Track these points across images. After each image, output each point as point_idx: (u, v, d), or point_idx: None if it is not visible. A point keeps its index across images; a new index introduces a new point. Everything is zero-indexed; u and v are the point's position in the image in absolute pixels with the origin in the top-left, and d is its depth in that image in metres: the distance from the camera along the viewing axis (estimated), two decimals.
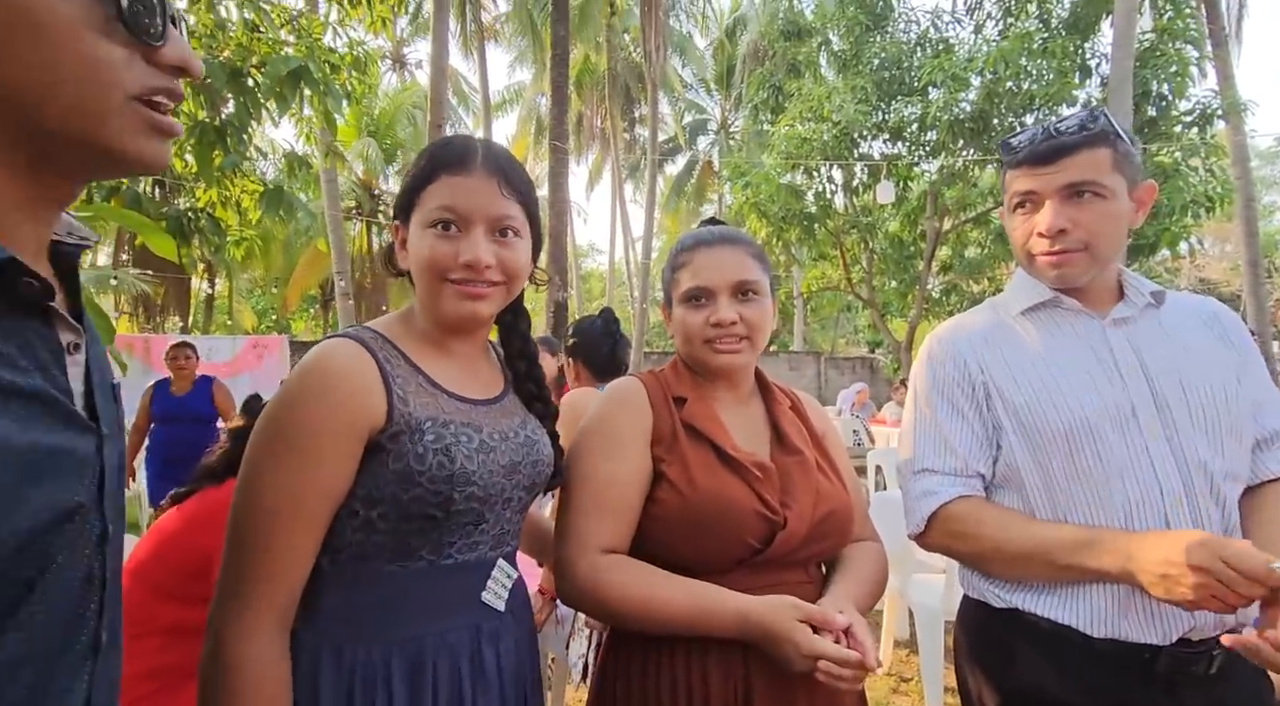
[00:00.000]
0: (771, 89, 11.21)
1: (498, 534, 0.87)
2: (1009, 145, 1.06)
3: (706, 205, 24.95)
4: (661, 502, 0.94)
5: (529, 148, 23.85)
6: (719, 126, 23.35)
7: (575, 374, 2.27)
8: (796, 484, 0.97)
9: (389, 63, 20.52)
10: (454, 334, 0.88)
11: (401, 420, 0.77)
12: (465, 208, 0.81)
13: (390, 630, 0.78)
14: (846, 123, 9.44)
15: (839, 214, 10.90)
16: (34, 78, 0.44)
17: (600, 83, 20.43)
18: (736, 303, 0.99)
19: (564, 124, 5.93)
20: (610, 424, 0.98)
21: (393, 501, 0.76)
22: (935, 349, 1.10)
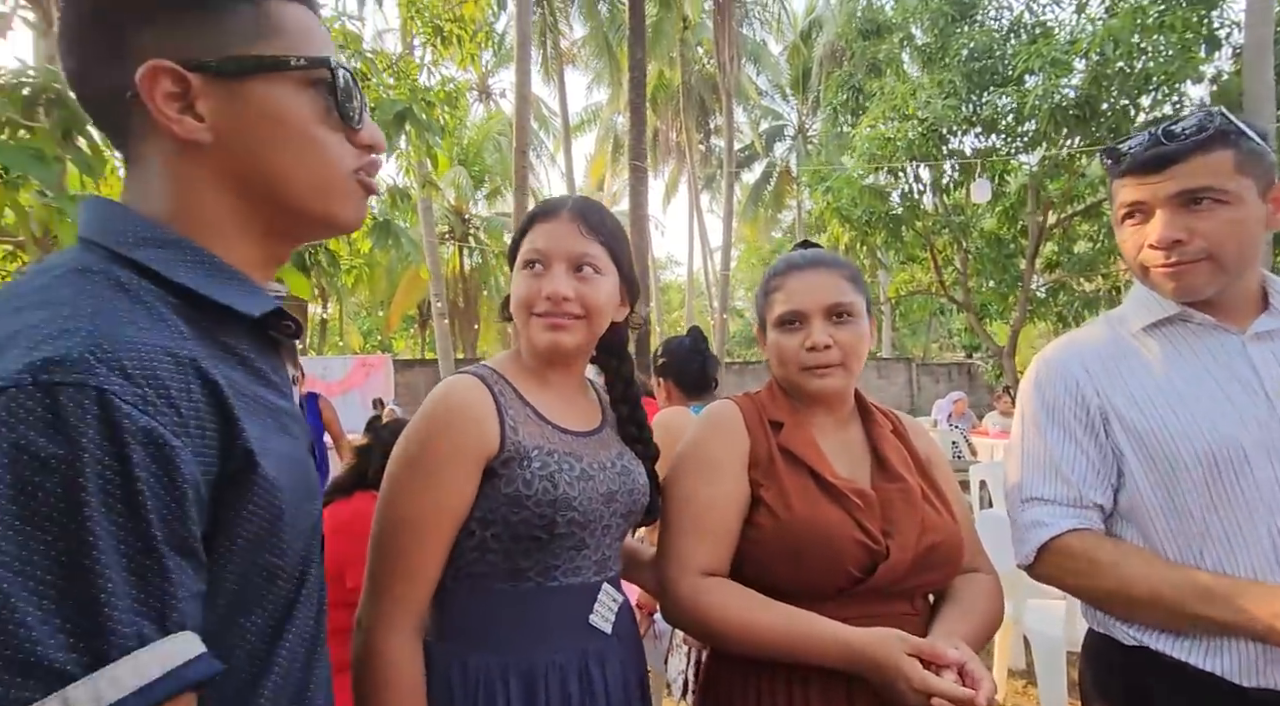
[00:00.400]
0: (851, 90, 10.92)
1: (599, 559, 0.93)
2: (1114, 151, 0.99)
3: (785, 212, 24.54)
4: (759, 526, 0.94)
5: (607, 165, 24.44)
6: (796, 131, 22.95)
7: (666, 393, 2.31)
8: (899, 512, 0.95)
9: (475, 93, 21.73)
10: (550, 367, 0.96)
11: (512, 447, 0.86)
12: (548, 247, 0.91)
13: (505, 645, 0.86)
14: (934, 119, 9.03)
15: (928, 214, 10.41)
16: (283, 165, 0.54)
17: (674, 97, 20.66)
18: (830, 325, 0.98)
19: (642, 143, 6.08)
20: (707, 448, 1.00)
21: (504, 523, 0.85)
22: (1044, 372, 1.04)
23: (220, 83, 0.52)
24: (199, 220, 0.53)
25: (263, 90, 0.53)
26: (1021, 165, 9.69)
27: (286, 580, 0.52)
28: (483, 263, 17.99)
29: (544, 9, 17.27)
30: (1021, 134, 9.36)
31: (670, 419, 2.09)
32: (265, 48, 0.53)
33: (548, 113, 22.92)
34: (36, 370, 0.38)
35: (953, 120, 9.14)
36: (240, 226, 0.55)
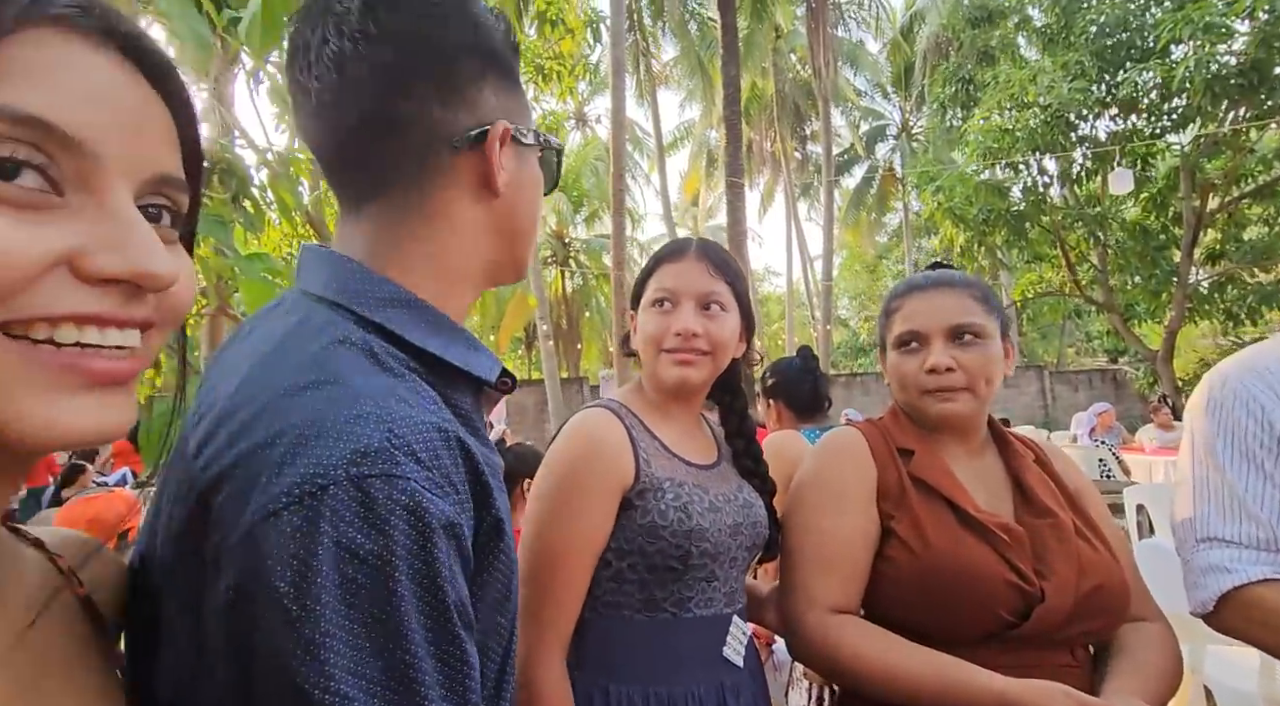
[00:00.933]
0: (960, 82, 10.27)
1: (728, 591, 0.93)
2: None
3: (890, 215, 23.37)
4: (893, 561, 0.90)
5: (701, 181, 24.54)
6: (899, 130, 21.88)
7: (776, 415, 2.26)
8: (1052, 551, 0.88)
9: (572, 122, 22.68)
10: (674, 400, 0.98)
11: (647, 479, 0.88)
12: (676, 286, 0.95)
13: (644, 675, 0.87)
14: (1059, 104, 8.27)
15: (1056, 208, 9.50)
16: (529, 225, 0.61)
17: (768, 107, 20.42)
18: (953, 347, 0.94)
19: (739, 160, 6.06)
20: (830, 477, 0.97)
21: (640, 553, 0.87)
22: (1220, 393, 0.93)
23: (517, 148, 0.58)
24: (451, 268, 0.55)
25: (530, 157, 0.60)
26: (1170, 146, 8.61)
27: (509, 636, 0.52)
28: (583, 284, 18.61)
29: (636, 34, 17.76)
30: (1169, 112, 8.33)
31: (781, 443, 2.03)
32: (529, 123, 0.60)
33: (641, 134, 23.45)
34: (348, 464, 0.37)
35: (1082, 103, 8.32)
36: (476, 276, 0.59)
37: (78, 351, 0.30)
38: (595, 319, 17.63)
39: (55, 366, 0.30)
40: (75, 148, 0.30)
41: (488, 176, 0.55)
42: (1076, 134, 8.89)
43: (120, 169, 0.32)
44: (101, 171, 0.31)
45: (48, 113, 0.29)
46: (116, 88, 0.32)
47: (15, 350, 0.29)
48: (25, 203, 0.29)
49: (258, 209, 2.26)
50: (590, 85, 20.64)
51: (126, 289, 0.32)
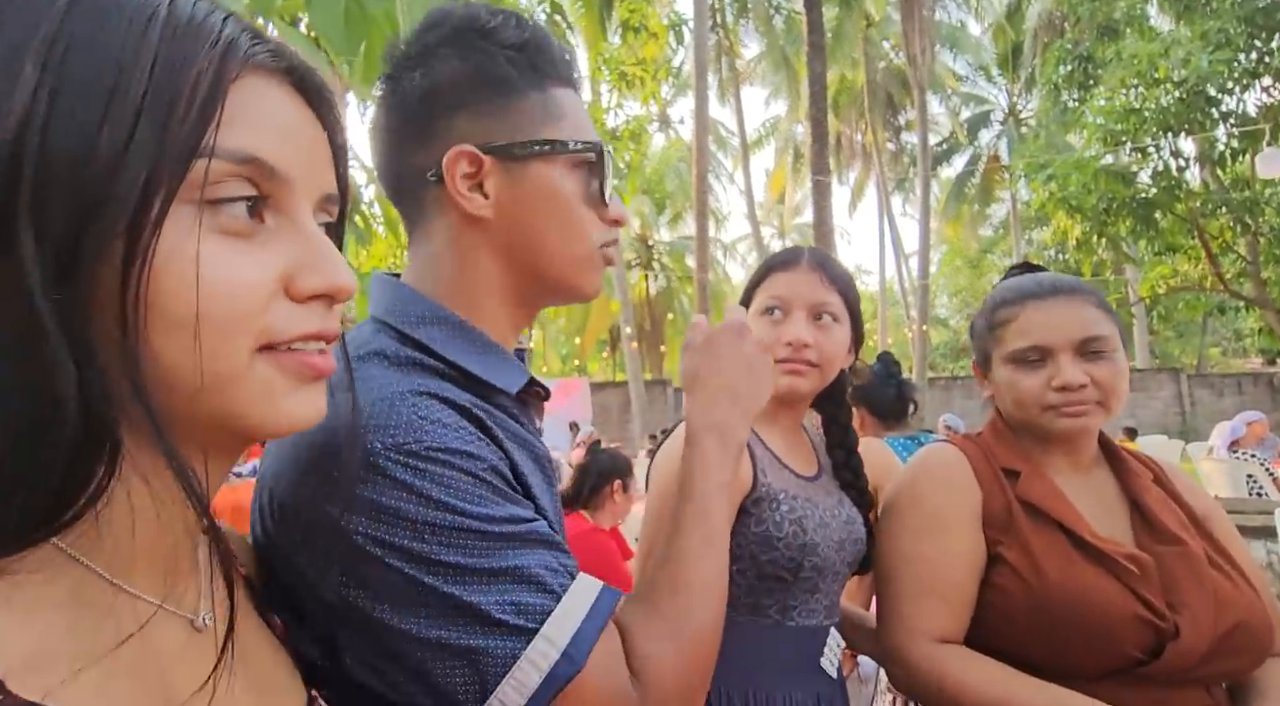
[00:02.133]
0: (1076, 60, 9.46)
1: (829, 604, 0.93)
2: None
3: (994, 205, 21.79)
4: (1001, 589, 0.84)
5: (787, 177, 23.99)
6: (1006, 115, 20.36)
7: (860, 422, 2.21)
8: (1183, 582, 0.81)
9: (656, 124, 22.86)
10: (780, 410, 0.97)
11: (763, 488, 0.88)
12: (789, 295, 0.94)
13: (746, 677, 0.88)
14: (1197, 79, 7.40)
15: (1194, 193, 8.50)
16: (548, 239, 0.60)
17: (858, 99, 19.63)
18: (1083, 362, 0.87)
19: (824, 157, 5.89)
20: (931, 501, 0.91)
21: (751, 559, 0.87)
22: None
23: (507, 165, 0.57)
24: (470, 289, 0.59)
25: (542, 170, 0.58)
26: None
27: None
28: (667, 286, 18.71)
29: (719, 34, 17.65)
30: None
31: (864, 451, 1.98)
32: (549, 132, 0.58)
33: (725, 133, 23.24)
34: None
35: (1226, 76, 7.41)
36: (502, 294, 0.60)
37: (303, 353, 0.35)
38: (679, 321, 17.67)
39: (291, 368, 0.35)
40: (278, 179, 0.34)
41: (460, 203, 0.57)
42: (1219, 110, 7.92)
43: (304, 192, 0.36)
44: (293, 196, 0.35)
45: (260, 151, 0.33)
46: (300, 121, 0.37)
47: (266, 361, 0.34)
48: (241, 231, 0.33)
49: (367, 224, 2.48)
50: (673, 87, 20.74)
51: (325, 302, 0.36)
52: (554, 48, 0.61)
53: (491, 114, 0.57)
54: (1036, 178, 9.02)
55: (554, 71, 0.60)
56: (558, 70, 0.60)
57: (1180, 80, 7.53)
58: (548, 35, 0.61)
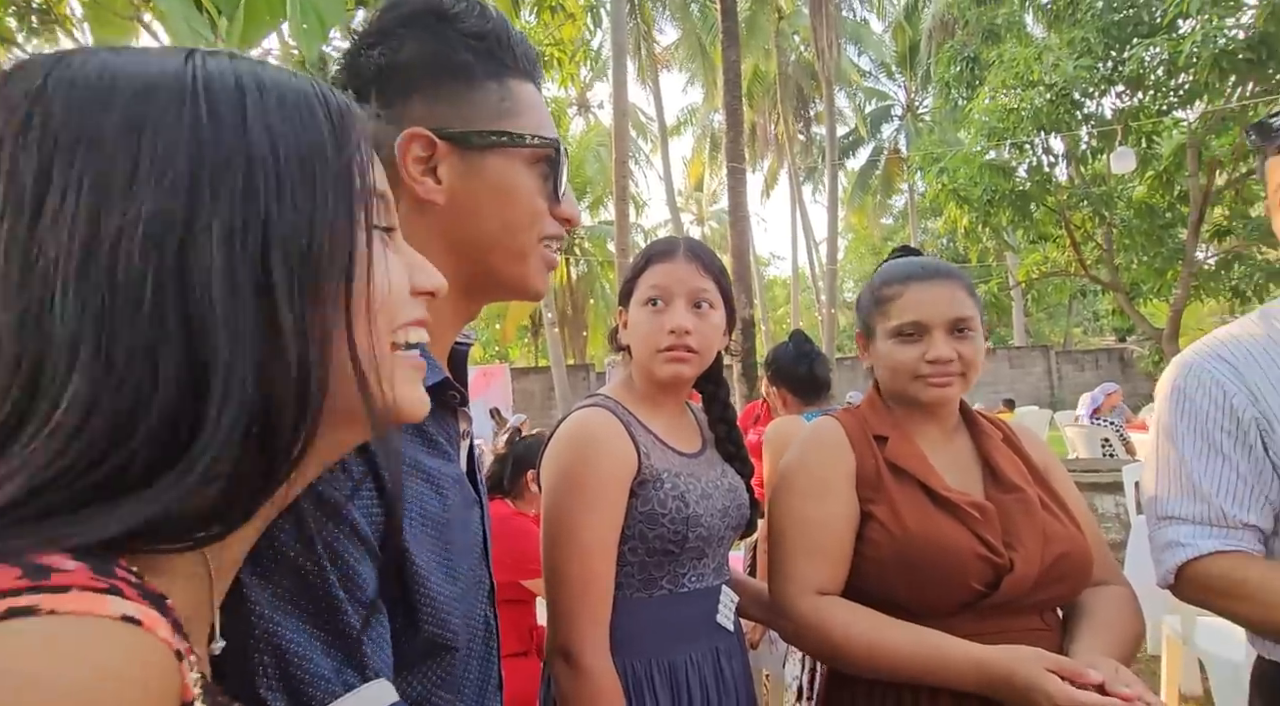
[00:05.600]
0: (965, 61, 10.17)
1: (717, 565, 1.02)
2: (1265, 127, 0.90)
3: (896, 196, 23.20)
4: (872, 543, 0.94)
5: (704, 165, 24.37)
6: (905, 110, 21.65)
7: (783, 401, 2.33)
8: (1019, 524, 0.93)
9: (575, 108, 22.54)
10: (665, 394, 1.04)
11: (647, 470, 0.95)
12: (669, 285, 0.99)
13: (647, 648, 0.95)
14: (1064, 82, 8.18)
15: (1062, 187, 9.44)
16: (500, 232, 0.59)
17: (771, 89, 20.23)
18: (952, 339, 0.97)
19: (740, 145, 6.06)
20: (813, 466, 1.01)
21: (640, 538, 0.94)
22: (1183, 376, 0.97)
23: (462, 152, 0.57)
24: None
25: (500, 162, 0.58)
26: (1176, 123, 8.53)
27: None
28: (588, 271, 18.63)
29: (637, 19, 17.60)
30: (1175, 88, 8.24)
31: (782, 429, 2.11)
32: (508, 124, 0.58)
33: (644, 119, 23.28)
34: None
35: (1088, 82, 8.23)
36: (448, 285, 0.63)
37: (417, 351, 0.41)
38: (600, 306, 17.68)
39: (411, 364, 0.40)
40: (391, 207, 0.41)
41: (411, 186, 0.56)
42: (1082, 112, 8.80)
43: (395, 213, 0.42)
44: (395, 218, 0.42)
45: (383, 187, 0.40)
46: None
47: (398, 357, 0.39)
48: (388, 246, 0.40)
49: None
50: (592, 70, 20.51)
51: (426, 298, 0.42)
52: (516, 40, 0.60)
53: (448, 100, 0.57)
54: (930, 170, 9.68)
55: (515, 64, 0.60)
56: (518, 63, 0.60)
57: (1051, 84, 8.29)
58: (510, 27, 0.61)
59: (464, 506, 0.58)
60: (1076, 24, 8.38)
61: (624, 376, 1.09)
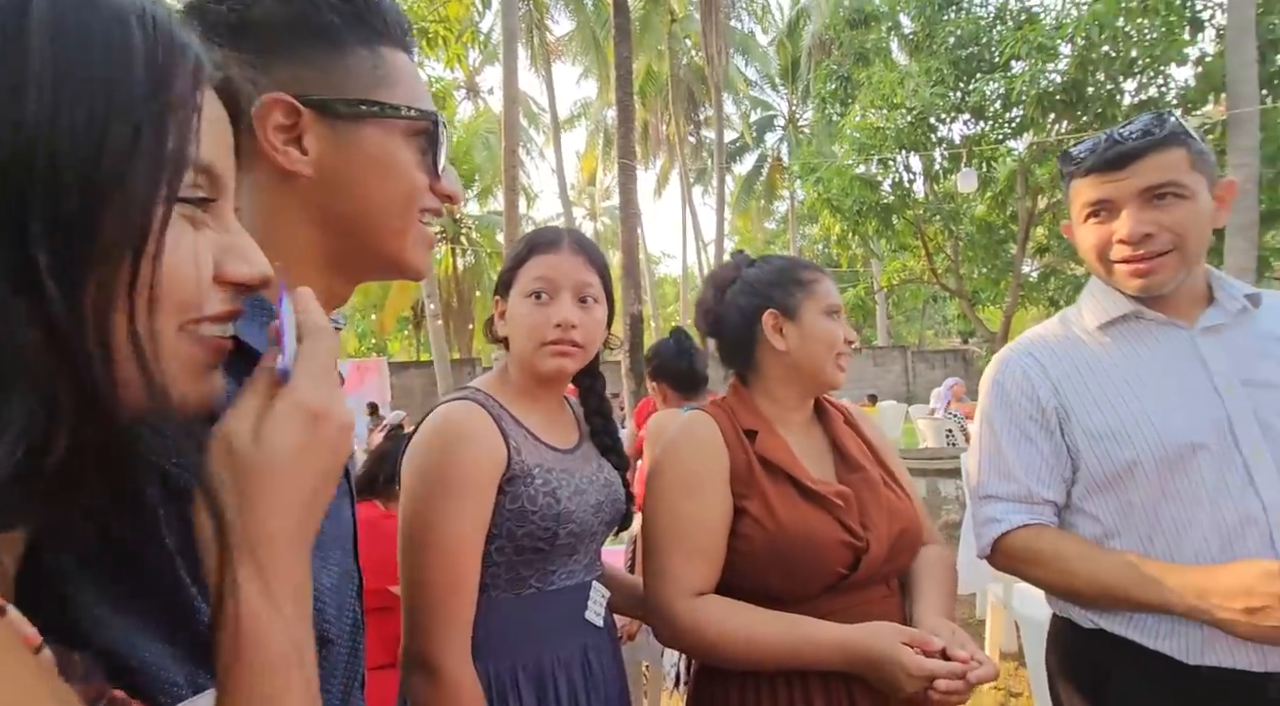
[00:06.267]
0: (839, 79, 10.92)
1: (588, 562, 1.00)
2: (1069, 155, 1.02)
3: (778, 202, 24.55)
4: (746, 538, 0.96)
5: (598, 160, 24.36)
6: (787, 122, 22.92)
7: (663, 396, 2.35)
8: (870, 505, 0.99)
9: (463, 92, 21.62)
10: (544, 388, 1.01)
11: (517, 466, 0.90)
12: (555, 278, 0.96)
13: (513, 649, 0.90)
14: (922, 107, 9.05)
15: (919, 202, 10.44)
16: (375, 207, 0.55)
17: (663, 89, 20.61)
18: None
19: (630, 141, 6.08)
20: (688, 463, 1.01)
21: (508, 536, 0.90)
22: (1001, 373, 1.07)
23: (332, 122, 0.53)
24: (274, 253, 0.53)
25: (375, 134, 0.54)
26: (1010, 151, 9.72)
27: None
28: (475, 262, 17.97)
29: (530, 4, 17.19)
30: (1009, 120, 9.38)
31: (663, 422, 2.12)
32: (383, 95, 0.55)
33: (536, 108, 22.83)
34: None
35: (941, 108, 9.15)
36: (314, 262, 0.56)
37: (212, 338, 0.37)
38: (487, 298, 17.07)
39: (203, 351, 0.36)
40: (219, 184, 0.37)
41: (272, 156, 0.52)
42: (936, 135, 9.78)
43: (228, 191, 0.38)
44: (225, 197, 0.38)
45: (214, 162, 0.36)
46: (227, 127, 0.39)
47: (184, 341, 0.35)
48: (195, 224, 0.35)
49: None
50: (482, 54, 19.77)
51: (241, 288, 0.38)
52: (387, 7, 0.57)
53: (313, 64, 0.53)
54: (808, 180, 10.32)
55: (386, 31, 0.56)
56: (390, 31, 0.57)
57: (911, 107, 9.13)
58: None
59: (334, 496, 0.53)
60: (933, 55, 9.28)
61: (498, 369, 1.04)
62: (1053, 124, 8.99)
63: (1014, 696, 2.64)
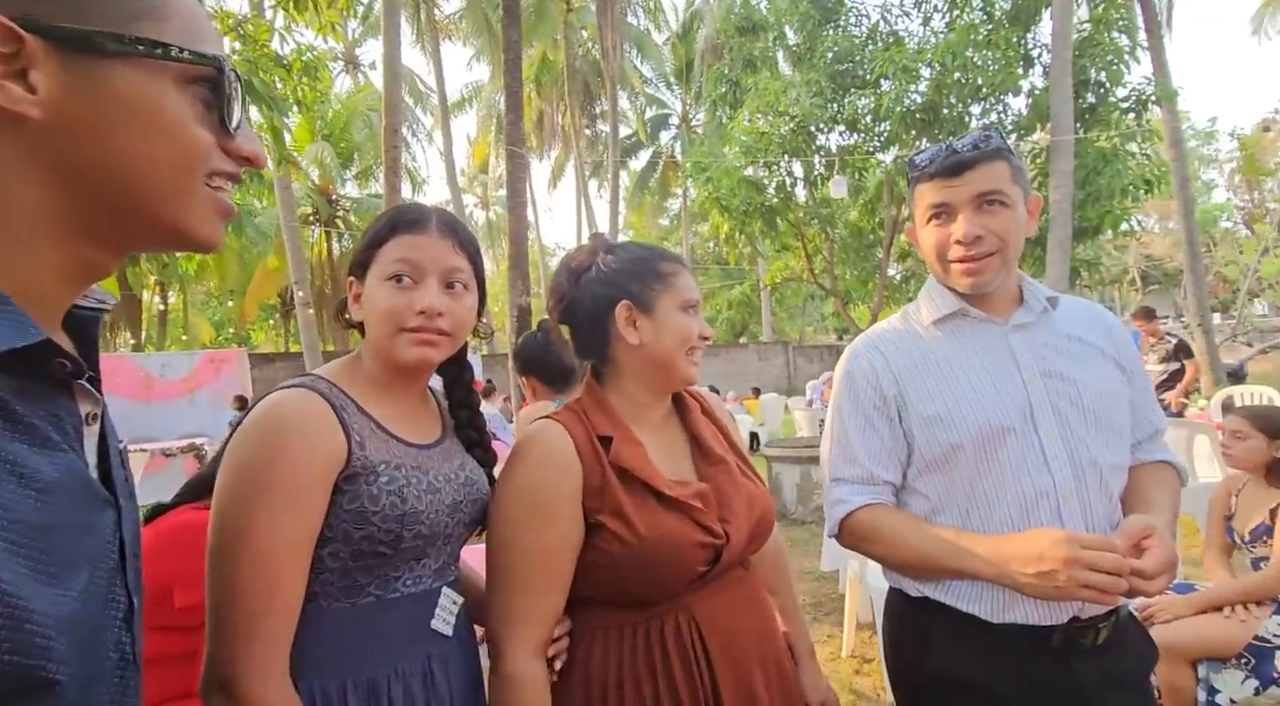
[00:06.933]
0: (729, 84, 11.30)
1: (439, 566, 0.92)
2: (914, 163, 1.10)
3: (671, 200, 25.05)
4: (604, 552, 0.92)
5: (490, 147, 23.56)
6: (680, 121, 23.43)
7: (532, 390, 2.28)
8: (730, 496, 1.00)
9: (341, 64, 20.05)
10: (402, 379, 0.93)
11: (358, 463, 0.82)
12: (421, 260, 0.88)
13: (344, 665, 0.81)
14: (803, 116, 9.59)
15: (800, 206, 11.07)
16: (140, 164, 0.47)
17: (559, 79, 20.31)
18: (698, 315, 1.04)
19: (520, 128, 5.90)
20: (533, 487, 0.92)
21: (344, 540, 0.81)
22: (851, 364, 1.15)
23: (69, 57, 0.44)
24: None
25: (134, 77, 0.46)
26: (879, 162, 10.56)
27: None
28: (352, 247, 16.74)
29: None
30: (879, 133, 10.18)
31: (535, 415, 2.06)
32: (148, 30, 0.46)
33: (424, 88, 21.66)
34: None
35: (819, 118, 9.75)
36: (49, 224, 0.46)
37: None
38: None
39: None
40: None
41: None
42: (816, 144, 10.41)
43: None
44: None
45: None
46: None
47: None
48: None
49: None
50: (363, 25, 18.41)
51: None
52: None
53: None
54: (699, 179, 10.61)
55: None
56: None
57: (794, 115, 9.66)
58: None
59: (83, 507, 0.46)
60: (813, 68, 9.85)
61: (350, 356, 0.94)
62: (914, 140, 9.86)
63: (867, 662, 2.87)
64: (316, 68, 6.23)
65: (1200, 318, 11.04)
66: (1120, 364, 1.10)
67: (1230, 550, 2.20)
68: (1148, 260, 25.51)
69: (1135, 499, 1.05)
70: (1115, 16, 8.97)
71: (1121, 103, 9.31)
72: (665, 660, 0.92)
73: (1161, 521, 0.96)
